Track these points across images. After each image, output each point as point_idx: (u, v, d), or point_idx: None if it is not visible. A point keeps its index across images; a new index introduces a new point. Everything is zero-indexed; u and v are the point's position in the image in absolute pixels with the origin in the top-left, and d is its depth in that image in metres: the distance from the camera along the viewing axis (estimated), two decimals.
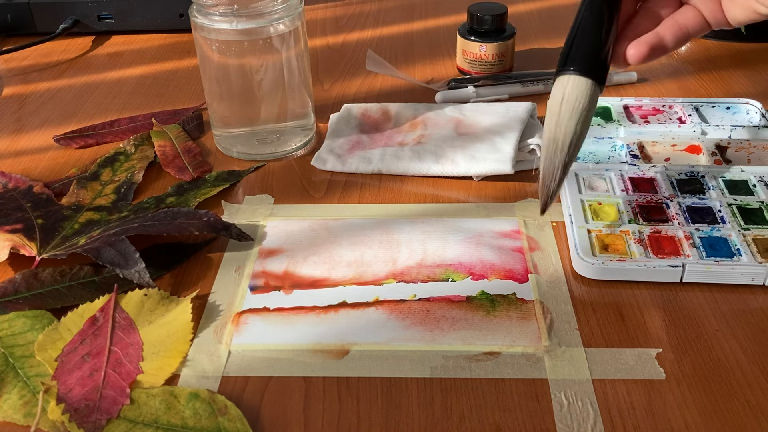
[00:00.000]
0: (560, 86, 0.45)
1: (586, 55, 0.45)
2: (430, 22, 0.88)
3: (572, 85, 0.45)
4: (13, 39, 0.85)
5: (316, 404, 0.41)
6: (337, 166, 0.60)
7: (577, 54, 0.45)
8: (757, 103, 0.64)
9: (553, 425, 0.39)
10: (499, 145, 0.59)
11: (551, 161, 0.45)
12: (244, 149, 0.62)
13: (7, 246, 0.50)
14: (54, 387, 0.41)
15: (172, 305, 0.46)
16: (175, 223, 0.51)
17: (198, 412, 0.40)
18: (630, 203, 0.53)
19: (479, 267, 0.49)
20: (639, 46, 0.46)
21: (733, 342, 0.43)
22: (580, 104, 0.44)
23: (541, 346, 0.43)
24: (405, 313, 0.46)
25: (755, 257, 0.47)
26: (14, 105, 0.73)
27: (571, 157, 0.45)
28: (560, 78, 0.46)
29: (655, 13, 0.47)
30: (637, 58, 0.46)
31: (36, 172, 0.61)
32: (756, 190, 0.54)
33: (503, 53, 0.72)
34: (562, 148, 0.45)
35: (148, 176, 0.60)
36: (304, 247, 0.52)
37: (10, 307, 0.46)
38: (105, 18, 0.85)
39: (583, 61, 0.45)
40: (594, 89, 0.45)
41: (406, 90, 0.72)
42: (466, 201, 0.56)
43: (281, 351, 0.44)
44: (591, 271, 0.48)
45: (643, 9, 0.47)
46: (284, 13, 0.57)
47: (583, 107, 0.45)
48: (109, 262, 0.48)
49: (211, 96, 0.61)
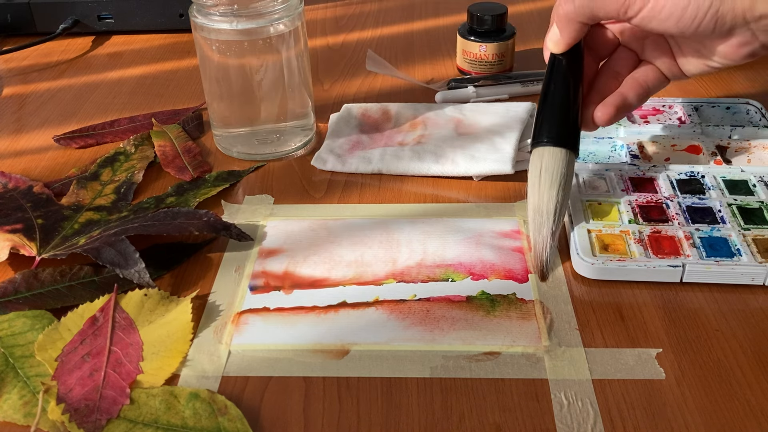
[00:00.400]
0: (537, 158, 0.48)
1: (557, 126, 0.48)
2: (430, 22, 0.88)
3: (548, 156, 0.48)
4: (13, 39, 0.85)
5: (316, 404, 0.41)
6: (337, 166, 0.60)
7: (549, 126, 0.49)
8: (757, 103, 0.64)
9: (553, 425, 0.39)
10: (499, 145, 0.59)
11: (539, 231, 0.48)
12: (244, 149, 0.62)
13: (7, 246, 0.50)
14: (54, 387, 0.41)
15: (172, 305, 0.46)
16: (175, 223, 0.51)
17: (198, 412, 0.40)
18: (630, 203, 0.53)
19: (479, 267, 0.49)
20: (606, 108, 0.48)
21: (733, 342, 0.43)
22: (558, 173, 0.47)
23: (541, 346, 0.43)
24: (405, 313, 0.46)
25: (755, 257, 0.47)
26: (14, 105, 0.73)
27: (557, 225, 0.48)
28: (536, 150, 0.49)
29: (616, 72, 0.50)
30: (604, 121, 0.49)
31: (36, 172, 0.61)
32: (756, 190, 0.54)
33: (503, 53, 0.72)
34: (547, 217, 0.47)
35: (148, 176, 0.60)
36: (304, 247, 0.52)
37: (10, 307, 0.46)
38: (105, 18, 0.85)
39: (556, 132, 0.48)
40: (569, 157, 0.48)
41: (406, 90, 0.72)
42: (466, 201, 0.56)
43: (281, 351, 0.44)
44: (591, 271, 0.48)
45: (605, 69, 0.51)
46: (284, 13, 0.57)
47: (562, 175, 0.47)
48: (109, 262, 0.48)
49: (211, 96, 0.61)
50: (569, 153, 0.48)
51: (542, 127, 0.49)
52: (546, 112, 0.49)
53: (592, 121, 0.49)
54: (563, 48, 0.48)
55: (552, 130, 0.48)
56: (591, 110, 0.49)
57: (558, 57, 0.49)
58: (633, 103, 0.49)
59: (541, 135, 0.48)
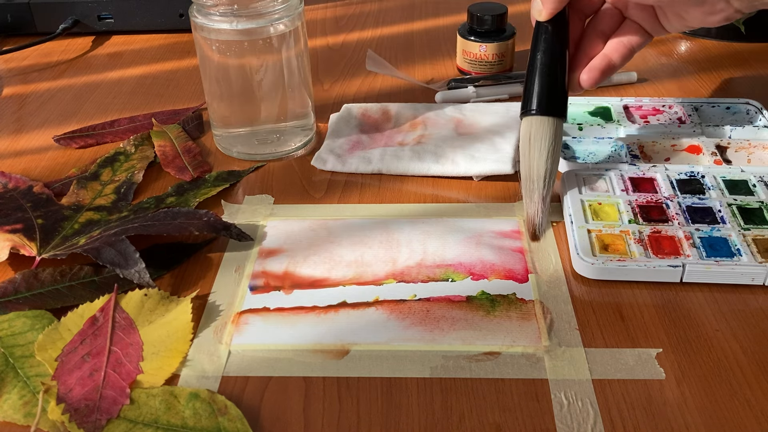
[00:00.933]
0: (525, 128, 0.50)
1: (544, 95, 0.50)
2: (430, 22, 0.88)
3: (536, 126, 0.50)
4: (13, 39, 0.85)
5: (316, 404, 0.41)
6: (337, 166, 0.60)
7: (535, 95, 0.50)
8: (757, 103, 0.64)
9: (553, 425, 0.39)
10: (499, 145, 0.59)
11: (530, 197, 0.51)
12: (244, 149, 0.62)
13: (7, 246, 0.50)
14: (54, 387, 0.41)
15: (172, 305, 0.46)
16: (175, 223, 0.51)
17: (198, 412, 0.40)
18: (630, 203, 0.53)
19: (479, 267, 0.49)
20: (591, 72, 0.51)
21: (733, 342, 0.43)
22: (546, 142, 0.49)
23: (541, 346, 0.43)
24: (405, 313, 0.46)
25: (755, 257, 0.47)
26: (14, 105, 0.73)
27: (548, 190, 0.50)
28: (524, 120, 0.50)
29: (601, 31, 0.52)
30: (590, 84, 0.51)
31: (36, 172, 0.61)
32: (756, 190, 0.54)
33: (503, 53, 0.72)
34: (537, 183, 0.50)
35: (148, 176, 0.60)
36: (304, 247, 0.52)
37: (10, 307, 0.46)
38: (105, 18, 0.85)
39: (543, 100, 0.50)
40: (557, 124, 0.50)
41: (406, 90, 0.72)
42: (466, 201, 0.56)
43: (281, 351, 0.44)
44: (591, 271, 0.48)
45: (590, 29, 0.52)
46: (284, 13, 0.57)
47: (550, 143, 0.49)
48: (109, 262, 0.48)
49: (211, 96, 0.61)
50: (557, 120, 0.50)
51: (529, 96, 0.50)
52: (532, 80, 0.50)
53: (577, 85, 0.51)
54: (546, 17, 0.50)
55: (539, 99, 0.50)
56: (577, 74, 0.51)
57: (543, 24, 0.51)
58: (617, 64, 0.51)
59: (529, 104, 0.50)
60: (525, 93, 0.51)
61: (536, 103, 0.50)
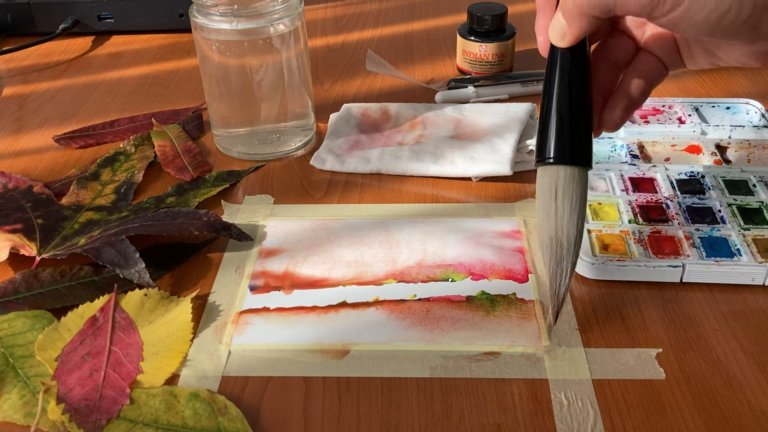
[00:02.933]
0: (549, 180, 0.41)
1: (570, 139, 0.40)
2: (430, 22, 0.88)
3: (564, 178, 0.40)
4: (13, 39, 0.85)
5: (316, 404, 0.41)
6: (336, 165, 0.60)
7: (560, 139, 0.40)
8: (757, 103, 0.64)
9: (553, 425, 0.39)
10: (497, 147, 0.59)
11: (558, 264, 0.41)
12: (244, 149, 0.62)
13: (7, 246, 0.50)
14: (54, 387, 0.41)
15: (172, 305, 0.46)
16: (175, 223, 0.51)
17: (198, 412, 0.40)
18: (630, 203, 0.53)
19: (479, 267, 0.49)
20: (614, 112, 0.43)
21: (733, 342, 0.43)
22: (577, 198, 0.40)
23: (541, 346, 0.43)
24: (405, 313, 0.46)
25: (755, 257, 0.47)
26: (14, 105, 0.73)
27: (577, 255, 0.42)
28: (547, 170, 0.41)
29: (614, 62, 0.44)
30: (614, 126, 0.43)
31: (36, 172, 0.61)
32: (756, 190, 0.54)
33: (503, 53, 0.72)
34: (568, 250, 0.41)
35: (148, 176, 0.60)
36: (304, 247, 0.52)
37: (10, 307, 0.46)
38: (105, 18, 0.85)
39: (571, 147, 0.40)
40: (585, 175, 0.41)
41: (406, 90, 0.72)
42: (466, 201, 0.56)
43: (281, 351, 0.44)
44: (591, 271, 0.48)
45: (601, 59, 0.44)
46: (284, 13, 0.57)
47: (582, 201, 0.41)
48: (109, 262, 0.48)
49: (211, 96, 0.61)
50: (585, 171, 0.41)
51: (552, 139, 0.40)
52: (554, 120, 0.40)
53: (600, 127, 0.43)
54: (570, 43, 0.40)
55: (566, 146, 0.40)
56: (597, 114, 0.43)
57: (562, 51, 0.41)
58: (639, 101, 0.43)
59: (551, 150, 0.40)
60: (544, 134, 0.41)
61: (563, 150, 0.40)
